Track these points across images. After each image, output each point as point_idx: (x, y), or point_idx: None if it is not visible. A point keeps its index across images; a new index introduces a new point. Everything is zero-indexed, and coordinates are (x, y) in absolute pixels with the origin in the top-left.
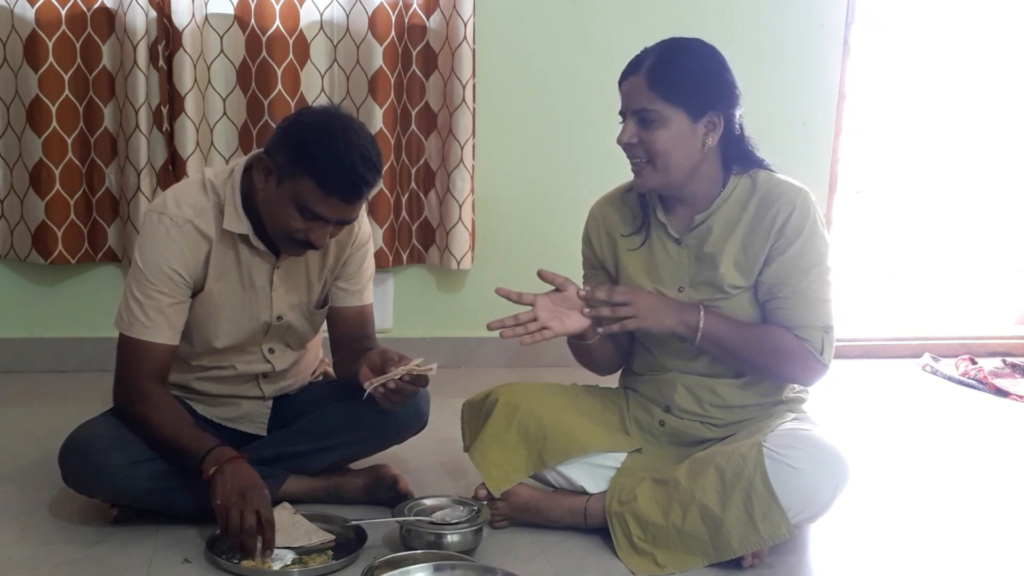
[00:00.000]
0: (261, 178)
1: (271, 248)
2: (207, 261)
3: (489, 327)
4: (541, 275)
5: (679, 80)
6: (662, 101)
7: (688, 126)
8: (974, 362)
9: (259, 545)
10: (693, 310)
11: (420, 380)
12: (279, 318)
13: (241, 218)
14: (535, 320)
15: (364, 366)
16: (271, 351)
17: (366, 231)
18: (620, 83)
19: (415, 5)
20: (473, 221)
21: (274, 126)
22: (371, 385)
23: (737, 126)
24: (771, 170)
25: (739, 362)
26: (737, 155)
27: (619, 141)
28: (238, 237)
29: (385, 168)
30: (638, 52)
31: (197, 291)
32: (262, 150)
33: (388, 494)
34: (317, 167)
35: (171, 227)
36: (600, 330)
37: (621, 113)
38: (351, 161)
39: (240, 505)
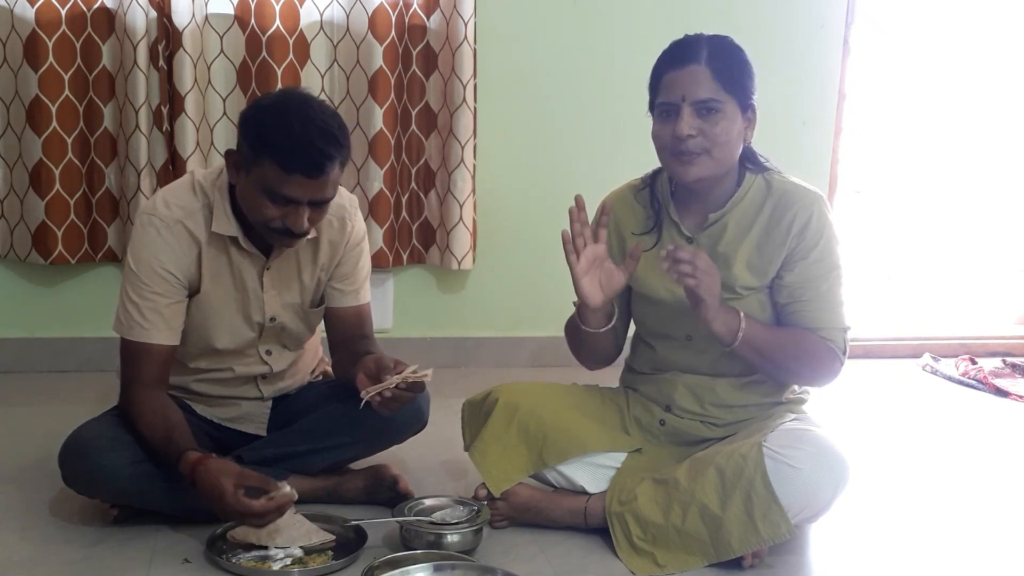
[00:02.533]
0: (233, 173)
1: (261, 249)
2: (199, 262)
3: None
4: (577, 201)
5: (737, 72)
6: (724, 92)
7: (740, 118)
8: (974, 362)
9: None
10: (735, 313)
11: (416, 386)
12: (272, 319)
13: (230, 220)
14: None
15: (360, 373)
16: (268, 352)
17: (360, 230)
18: (665, 73)
19: (415, 5)
20: (474, 221)
21: None
22: (368, 394)
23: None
24: (782, 172)
25: (772, 367)
26: (750, 154)
27: (677, 133)
28: (228, 239)
29: (385, 168)
30: (676, 44)
31: (193, 293)
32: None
33: (388, 494)
34: (275, 147)
35: (161, 228)
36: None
37: (667, 105)
38: (308, 136)
39: (226, 515)
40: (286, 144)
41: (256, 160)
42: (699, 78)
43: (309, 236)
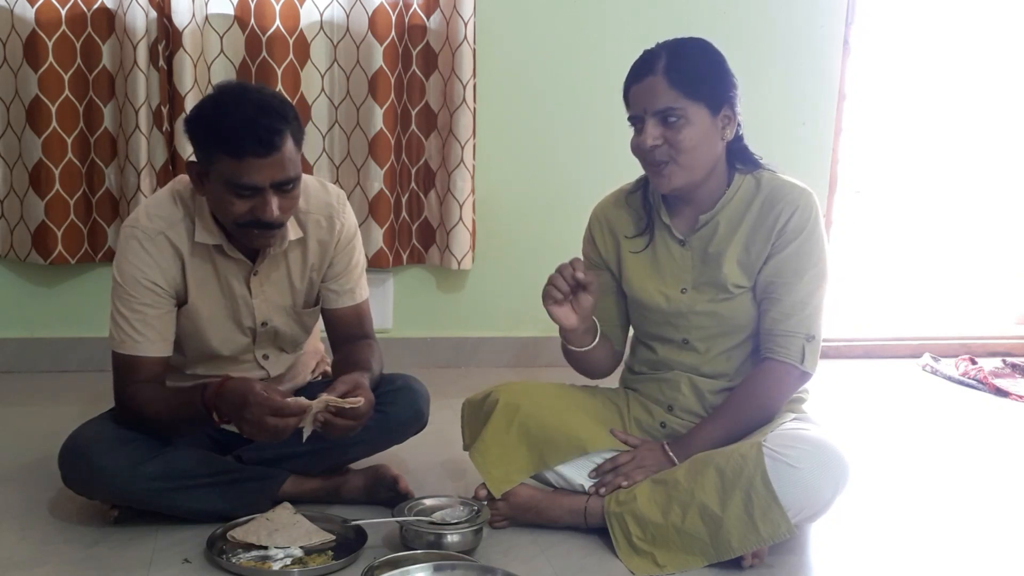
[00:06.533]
0: (197, 184)
1: (247, 255)
2: (184, 273)
3: None
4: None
5: (698, 75)
6: (685, 98)
7: (710, 121)
8: (974, 362)
9: (291, 423)
10: (665, 454)
11: (347, 413)
12: (264, 324)
13: (212, 229)
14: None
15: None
16: (265, 357)
17: (350, 227)
18: (629, 87)
19: (415, 5)
20: (473, 221)
21: None
22: (303, 427)
23: (740, 122)
24: (773, 171)
25: (742, 429)
26: (739, 152)
27: (641, 146)
28: (212, 248)
29: (385, 168)
30: (640, 56)
31: (181, 303)
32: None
33: (388, 494)
34: (220, 137)
35: (144, 240)
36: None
37: (634, 118)
38: (246, 115)
39: (252, 428)
40: (228, 129)
41: (209, 159)
42: (656, 89)
43: (295, 236)
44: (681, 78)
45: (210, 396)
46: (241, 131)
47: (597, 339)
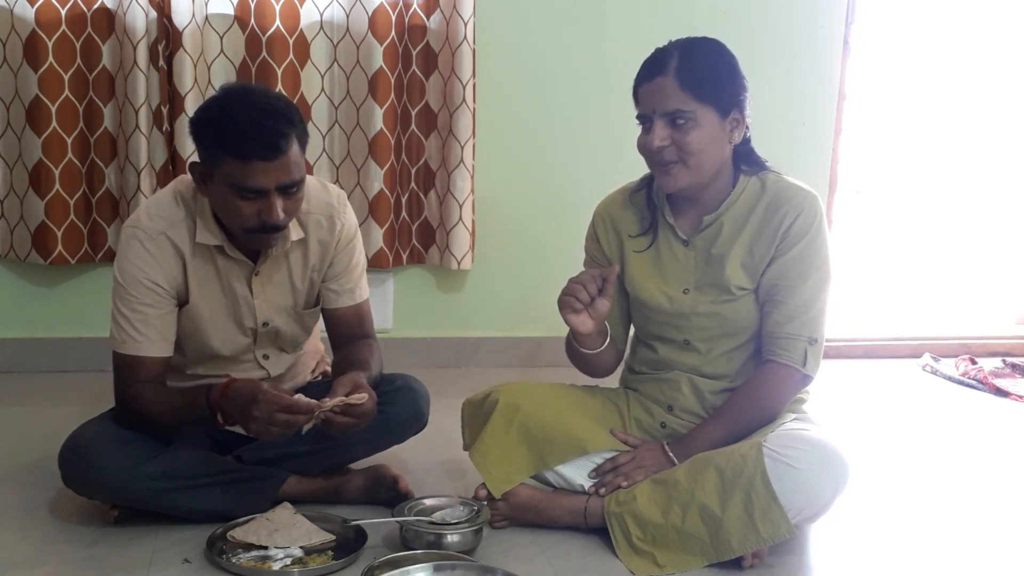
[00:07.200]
0: (201, 185)
1: (248, 255)
2: (185, 273)
3: None
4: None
5: (708, 78)
6: (695, 101)
7: (719, 124)
8: (974, 362)
9: (300, 420)
10: (664, 454)
11: (350, 411)
12: (265, 324)
13: (214, 229)
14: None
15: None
16: (265, 357)
17: (351, 227)
18: (639, 85)
19: (415, 5)
20: (473, 221)
21: None
22: (305, 427)
23: (748, 125)
24: (778, 172)
25: (743, 429)
26: (745, 154)
27: (648, 146)
28: (214, 248)
29: (385, 168)
30: (652, 54)
31: (182, 303)
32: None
33: (388, 494)
34: (226, 140)
35: (145, 240)
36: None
37: (643, 117)
38: (252, 118)
39: (260, 426)
40: (234, 132)
41: (214, 161)
42: (666, 90)
43: (297, 237)
44: (692, 80)
45: (215, 397)
46: (247, 134)
47: (607, 340)
